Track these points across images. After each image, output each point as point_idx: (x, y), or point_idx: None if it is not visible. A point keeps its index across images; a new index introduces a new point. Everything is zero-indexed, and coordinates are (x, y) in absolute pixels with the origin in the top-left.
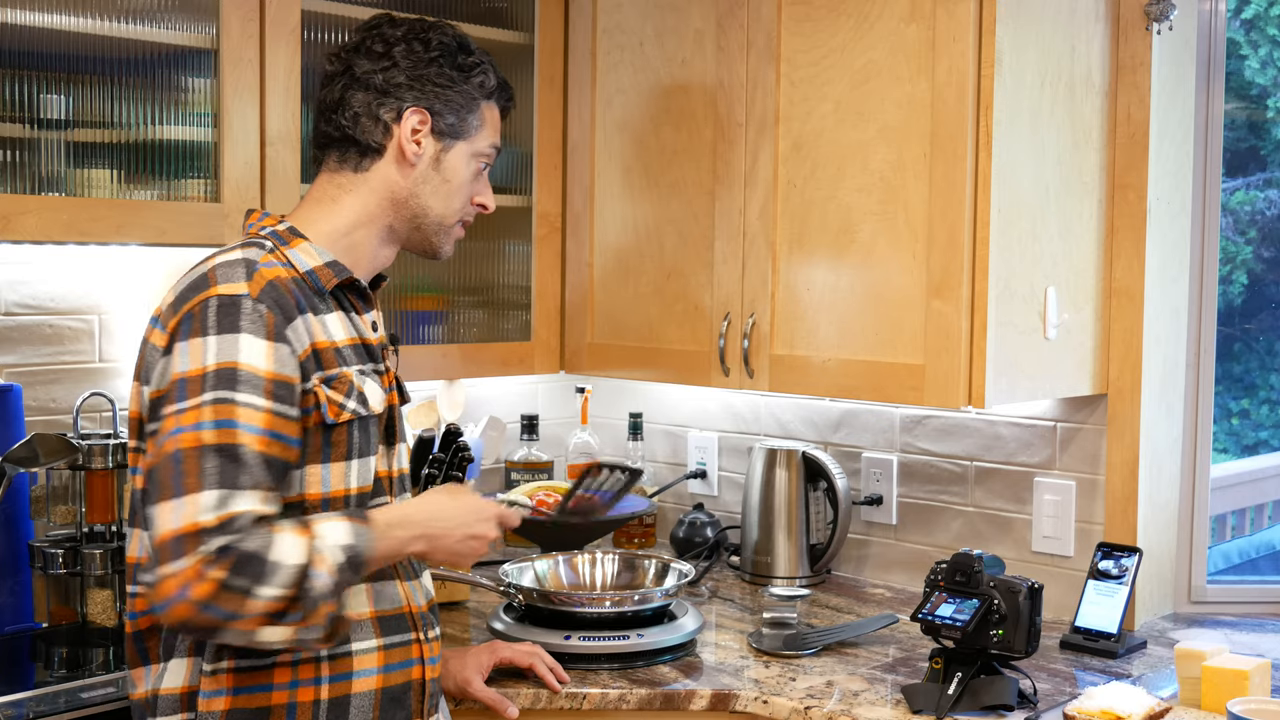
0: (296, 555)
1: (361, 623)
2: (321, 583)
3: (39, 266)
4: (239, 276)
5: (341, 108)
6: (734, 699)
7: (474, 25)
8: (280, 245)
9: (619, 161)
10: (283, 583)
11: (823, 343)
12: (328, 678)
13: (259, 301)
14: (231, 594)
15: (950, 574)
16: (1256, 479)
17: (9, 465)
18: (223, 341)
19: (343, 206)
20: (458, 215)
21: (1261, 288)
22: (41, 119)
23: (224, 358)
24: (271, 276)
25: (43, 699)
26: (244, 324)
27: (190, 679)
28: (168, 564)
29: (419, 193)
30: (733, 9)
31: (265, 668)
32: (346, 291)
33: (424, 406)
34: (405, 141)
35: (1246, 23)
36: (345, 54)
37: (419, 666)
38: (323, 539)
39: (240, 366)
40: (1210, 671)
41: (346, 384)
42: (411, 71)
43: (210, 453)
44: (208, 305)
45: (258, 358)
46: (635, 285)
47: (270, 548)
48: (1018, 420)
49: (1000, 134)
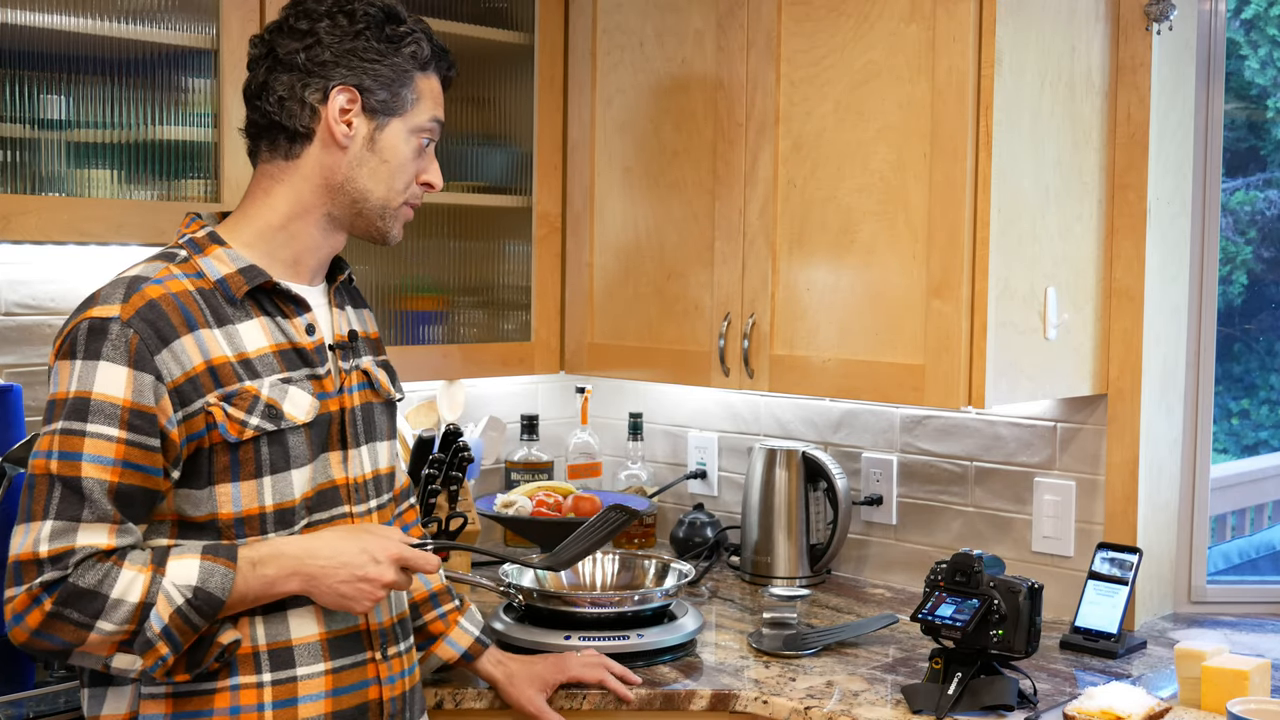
0: (135, 593)
1: (308, 645)
2: (158, 625)
3: (39, 266)
4: (116, 298)
5: (265, 92)
6: (734, 699)
7: (474, 25)
8: (194, 253)
9: (619, 161)
10: (120, 619)
11: (823, 343)
12: (271, 704)
13: (128, 325)
14: (65, 624)
15: (950, 574)
16: (1256, 479)
17: (9, 465)
18: (84, 368)
19: (275, 198)
20: (402, 196)
21: (1261, 288)
22: (41, 119)
23: (81, 386)
24: (156, 295)
25: (43, 699)
26: (105, 350)
27: (130, 705)
28: (10, 588)
29: (355, 176)
30: (733, 9)
31: (206, 692)
32: (270, 296)
33: (424, 406)
34: (334, 123)
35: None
36: (268, 35)
37: (375, 687)
38: (169, 578)
39: (94, 396)
40: (1210, 671)
41: (249, 399)
42: (336, 47)
43: (55, 482)
44: (79, 329)
45: (115, 387)
46: (635, 285)
47: (108, 583)
48: (1018, 420)
49: (1000, 134)
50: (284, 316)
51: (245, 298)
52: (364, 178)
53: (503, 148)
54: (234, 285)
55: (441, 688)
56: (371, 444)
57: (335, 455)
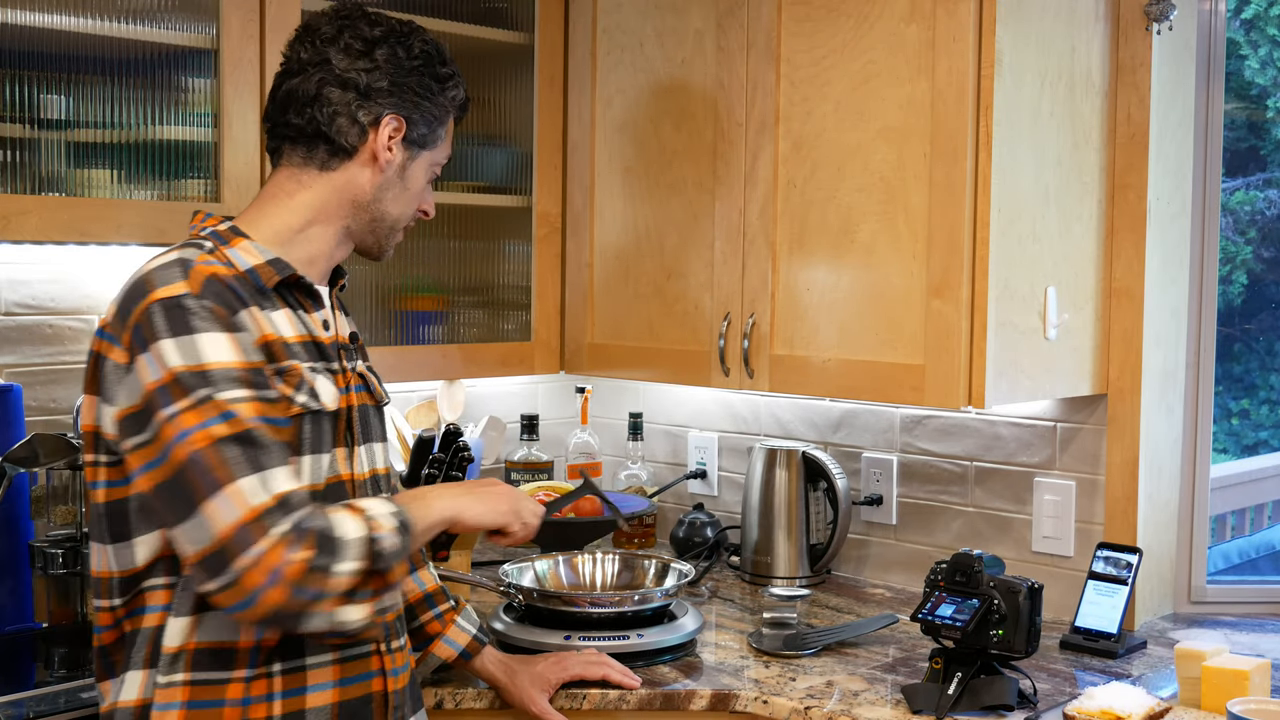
0: (356, 529)
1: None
2: (389, 544)
3: (39, 266)
4: (175, 278)
5: (319, 102)
6: (734, 699)
7: (474, 25)
8: (220, 244)
9: (619, 161)
10: (355, 556)
11: (823, 343)
12: (281, 693)
13: (201, 298)
14: (316, 573)
15: (950, 574)
16: (1256, 479)
17: (9, 465)
18: (182, 344)
19: (298, 203)
20: (408, 218)
21: (1261, 288)
22: (41, 119)
23: (189, 360)
24: (209, 273)
25: (43, 699)
26: (194, 323)
27: (144, 692)
28: (242, 556)
29: (382, 198)
30: (733, 9)
31: (220, 682)
32: (292, 289)
33: (424, 406)
34: (380, 148)
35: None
36: (319, 43)
37: (379, 678)
38: (370, 509)
39: (208, 366)
40: (1210, 671)
41: (297, 377)
42: (394, 77)
43: (227, 443)
44: (153, 310)
45: (223, 352)
46: (635, 285)
47: (333, 525)
48: (1018, 420)
49: (1000, 134)
50: (304, 310)
51: (273, 289)
52: (388, 200)
53: (503, 148)
54: (264, 275)
55: (441, 687)
56: (369, 444)
57: (341, 451)
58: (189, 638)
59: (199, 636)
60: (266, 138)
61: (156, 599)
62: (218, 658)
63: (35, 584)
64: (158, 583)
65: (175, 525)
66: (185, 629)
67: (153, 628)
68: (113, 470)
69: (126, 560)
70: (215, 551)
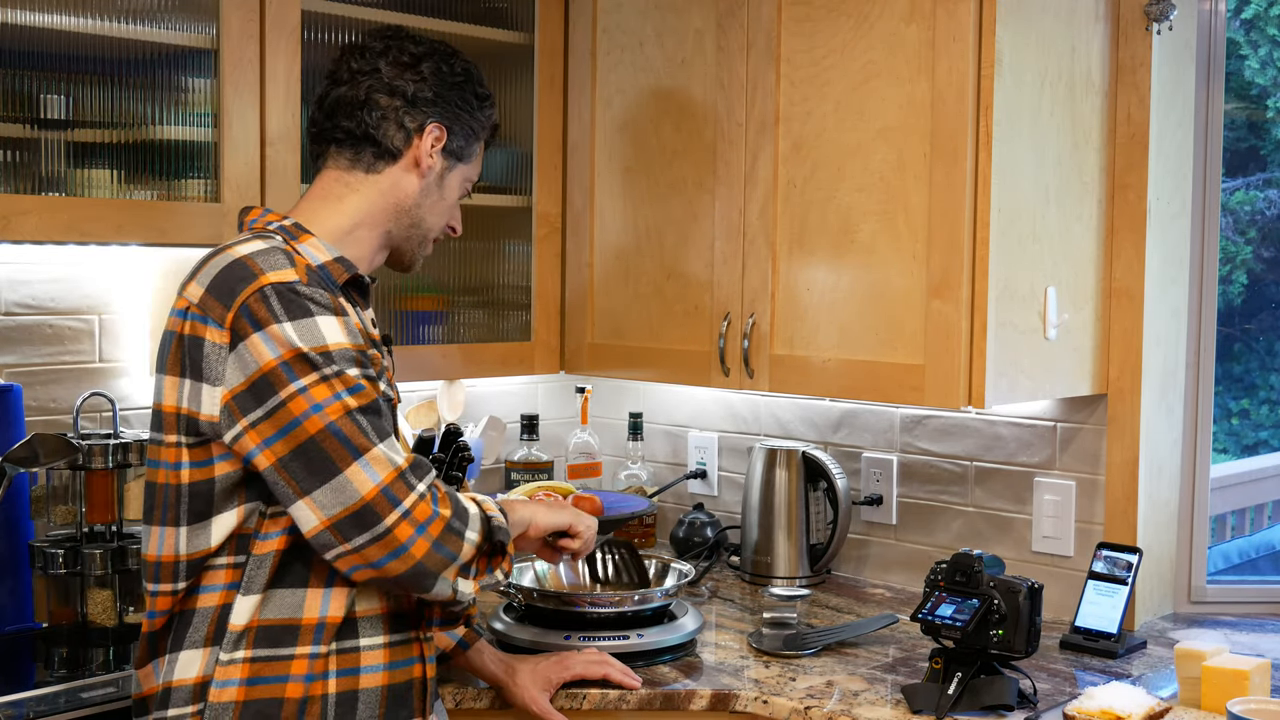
0: (473, 506)
1: (372, 618)
2: (499, 523)
3: (39, 266)
4: (283, 264)
5: (368, 107)
6: (734, 699)
7: (474, 25)
8: (289, 240)
9: (619, 161)
10: (477, 529)
11: (823, 343)
12: (336, 672)
13: (311, 284)
14: (453, 534)
15: (950, 574)
16: (1256, 479)
17: (9, 465)
18: (300, 327)
19: (347, 205)
20: (439, 230)
21: (1261, 288)
22: (41, 119)
23: (311, 341)
24: (305, 264)
25: (43, 699)
26: (310, 307)
27: (205, 669)
28: (393, 510)
29: (421, 204)
30: (733, 9)
31: (283, 659)
32: (350, 288)
33: (424, 406)
34: (424, 154)
35: (1246, 23)
36: (370, 55)
37: (419, 665)
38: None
39: (330, 348)
40: (1210, 671)
41: (379, 365)
42: (438, 89)
43: (361, 414)
44: (266, 294)
45: (338, 335)
46: (635, 285)
47: (458, 496)
48: (1018, 420)
49: (1000, 134)
50: (360, 308)
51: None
52: (426, 207)
53: (503, 148)
54: (335, 272)
55: (442, 687)
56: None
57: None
58: (256, 615)
59: (265, 614)
60: (310, 143)
61: (217, 578)
62: (282, 635)
63: (35, 584)
64: (222, 562)
65: (308, 493)
66: (254, 606)
67: (213, 607)
68: (196, 451)
69: (200, 542)
70: (359, 510)
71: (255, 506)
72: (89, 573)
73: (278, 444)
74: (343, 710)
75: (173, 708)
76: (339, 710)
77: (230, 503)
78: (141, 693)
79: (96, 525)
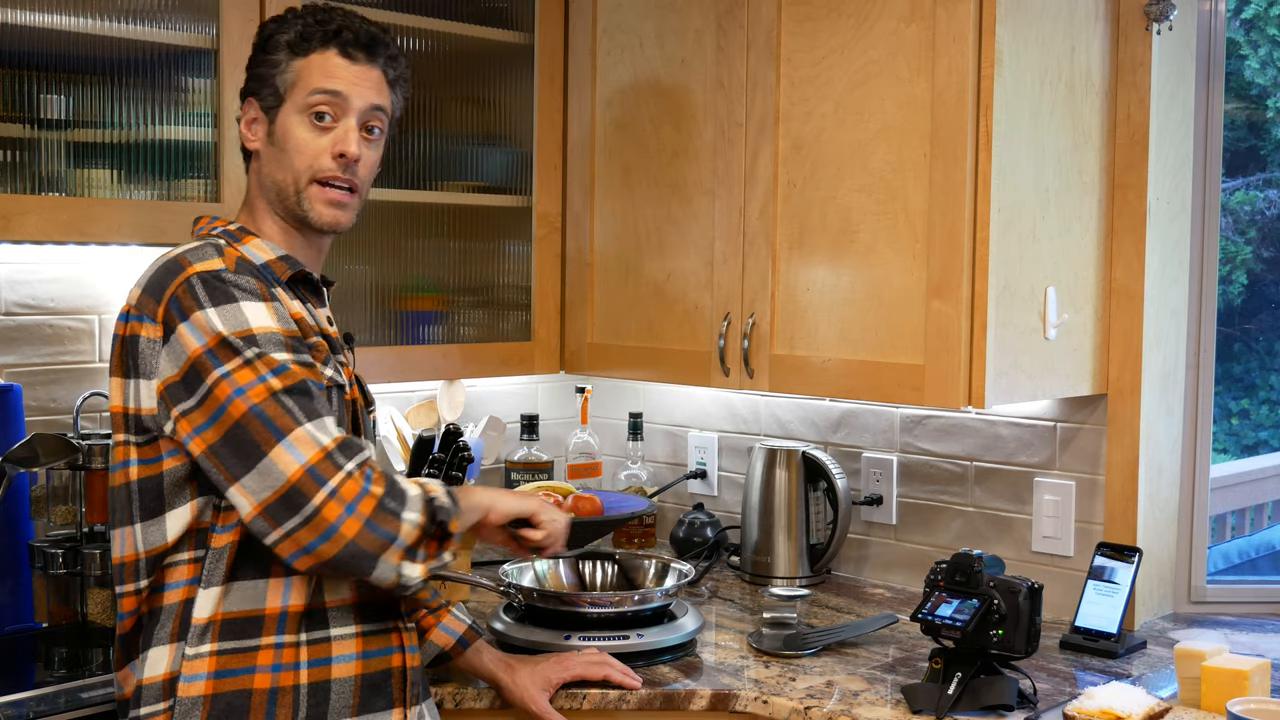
0: (413, 487)
1: (342, 608)
2: (442, 503)
3: (39, 266)
4: (211, 255)
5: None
6: (734, 699)
7: (474, 25)
8: (234, 242)
9: (619, 161)
10: (417, 509)
11: (823, 343)
12: (306, 662)
13: (238, 273)
14: (387, 513)
15: (950, 574)
16: (1256, 479)
17: (9, 465)
18: (223, 312)
19: (250, 207)
20: (307, 174)
21: (1261, 288)
22: (41, 119)
23: (234, 326)
24: (239, 255)
25: (43, 699)
26: (234, 293)
27: (172, 665)
28: (319, 491)
29: (269, 170)
30: (733, 9)
31: (249, 650)
32: (300, 286)
33: (424, 406)
34: (244, 133)
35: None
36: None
37: (399, 654)
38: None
39: (255, 331)
40: (1210, 671)
41: (324, 352)
42: (249, 70)
43: (285, 395)
44: (192, 283)
45: (265, 319)
46: (635, 285)
47: (395, 476)
48: (1018, 420)
49: (1000, 134)
50: (311, 305)
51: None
52: (272, 169)
53: (503, 148)
54: (277, 270)
55: (442, 687)
56: (368, 440)
57: None
58: (218, 608)
59: (227, 606)
60: None
61: (179, 574)
62: (246, 626)
63: (35, 584)
64: (182, 558)
65: (238, 479)
66: (215, 599)
67: (177, 603)
68: (144, 449)
69: (155, 538)
70: (287, 493)
71: (209, 500)
72: (89, 573)
73: (208, 431)
74: (315, 700)
75: (144, 705)
76: (311, 700)
77: (182, 497)
78: (123, 694)
79: (96, 525)
